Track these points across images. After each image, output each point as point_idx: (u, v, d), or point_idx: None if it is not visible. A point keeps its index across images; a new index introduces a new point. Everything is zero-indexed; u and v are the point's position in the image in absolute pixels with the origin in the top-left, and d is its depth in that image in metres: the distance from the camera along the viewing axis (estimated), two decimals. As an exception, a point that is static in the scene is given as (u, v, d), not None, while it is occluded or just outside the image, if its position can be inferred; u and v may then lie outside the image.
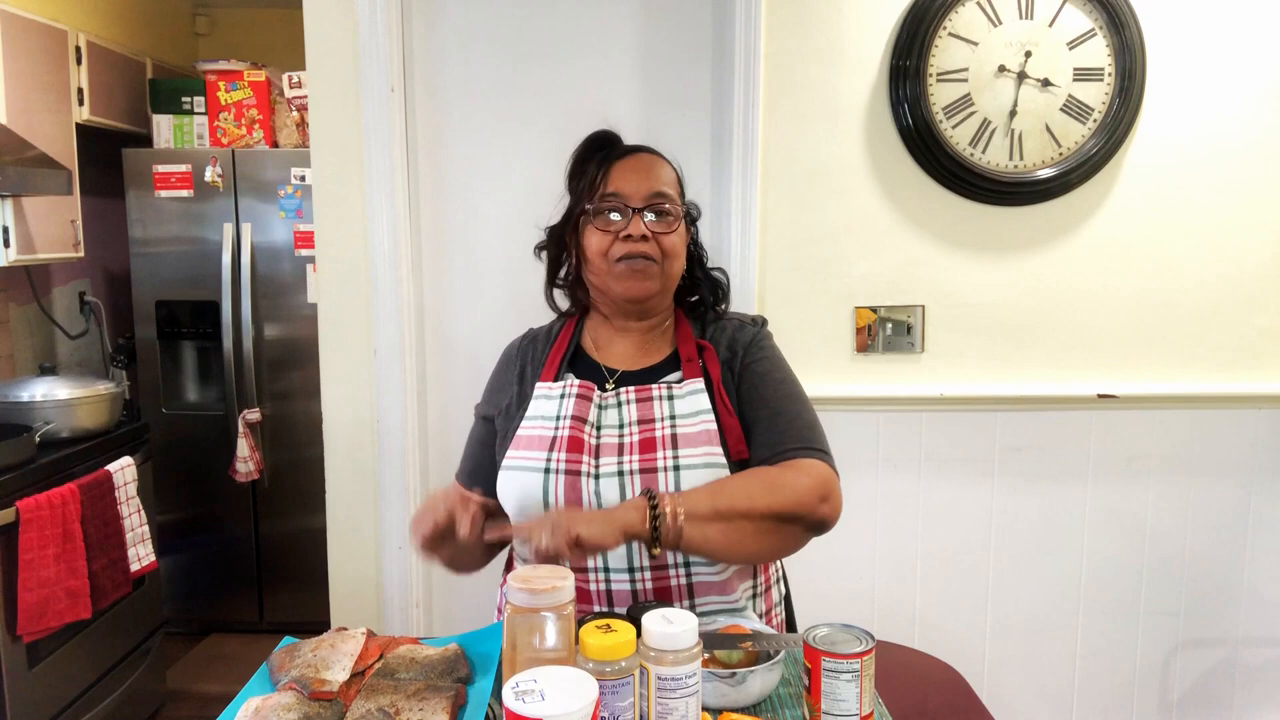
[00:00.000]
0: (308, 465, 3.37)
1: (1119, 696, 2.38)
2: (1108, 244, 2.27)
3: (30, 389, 2.63)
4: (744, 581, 1.35)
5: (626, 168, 1.37)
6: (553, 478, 1.29)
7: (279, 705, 0.99)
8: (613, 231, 1.34)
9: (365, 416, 2.31)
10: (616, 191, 1.35)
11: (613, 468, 1.29)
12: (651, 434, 1.31)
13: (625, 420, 1.33)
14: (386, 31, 2.19)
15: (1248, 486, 2.33)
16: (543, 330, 1.51)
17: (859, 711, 1.04)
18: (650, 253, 1.34)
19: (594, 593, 1.29)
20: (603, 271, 1.36)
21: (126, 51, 3.50)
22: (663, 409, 1.33)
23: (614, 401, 1.35)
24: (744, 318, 1.46)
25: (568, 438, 1.31)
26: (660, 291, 1.38)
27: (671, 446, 1.29)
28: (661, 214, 1.35)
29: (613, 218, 1.35)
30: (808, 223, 2.25)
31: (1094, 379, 2.30)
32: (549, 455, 1.31)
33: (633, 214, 1.34)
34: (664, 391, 1.35)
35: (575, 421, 1.32)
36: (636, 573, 1.28)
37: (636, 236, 1.33)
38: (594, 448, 1.31)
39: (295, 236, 3.39)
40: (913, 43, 2.16)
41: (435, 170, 2.32)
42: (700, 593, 1.30)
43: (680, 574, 1.29)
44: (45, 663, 2.40)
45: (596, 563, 1.28)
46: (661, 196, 1.36)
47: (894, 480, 2.30)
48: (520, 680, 0.86)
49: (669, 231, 1.35)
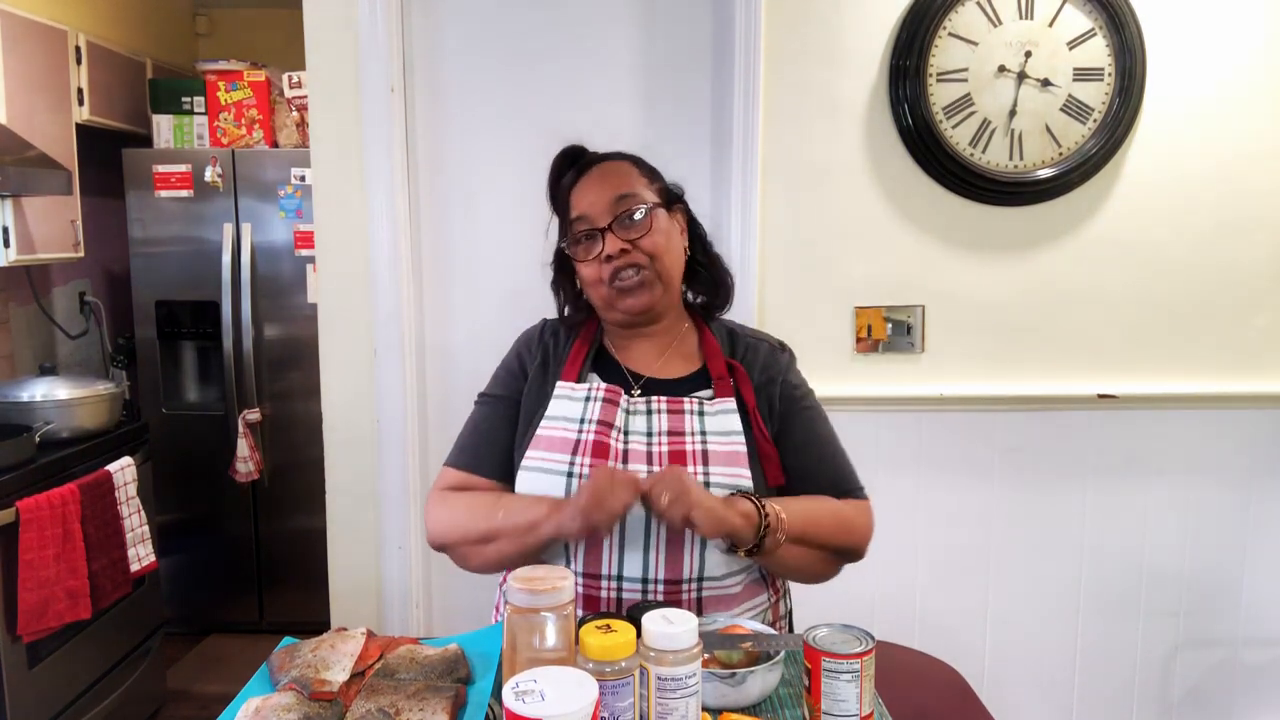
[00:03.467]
0: (308, 465, 3.37)
1: (1119, 696, 2.38)
2: (1108, 244, 2.27)
3: (30, 389, 2.63)
4: (754, 597, 1.35)
5: (584, 188, 1.36)
6: (575, 482, 1.28)
7: (279, 705, 0.99)
8: (595, 257, 1.33)
9: (365, 416, 2.31)
10: (581, 215, 1.34)
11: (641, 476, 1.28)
12: (682, 447, 1.30)
13: (655, 429, 1.33)
14: (386, 31, 2.19)
15: (1248, 486, 2.33)
16: (565, 323, 1.47)
17: (859, 712, 1.04)
18: (636, 260, 1.32)
19: (604, 599, 1.28)
20: (602, 296, 1.36)
21: (126, 51, 3.50)
22: (693, 424, 1.33)
23: (643, 409, 1.34)
24: (771, 341, 1.45)
25: (592, 442, 1.30)
26: (662, 293, 1.36)
27: (702, 463, 1.29)
28: (629, 218, 1.33)
29: (589, 244, 1.34)
30: (808, 223, 2.25)
31: (1094, 379, 2.30)
32: (572, 459, 1.30)
33: (602, 234, 1.32)
34: (695, 407, 1.34)
35: (601, 426, 1.31)
36: (650, 584, 1.27)
37: (615, 254, 1.31)
38: (621, 453, 1.31)
39: (295, 236, 3.39)
40: (913, 43, 2.16)
41: (435, 170, 2.32)
42: (709, 607, 1.30)
43: (692, 588, 1.28)
44: (45, 663, 2.39)
45: (611, 570, 1.28)
46: (624, 200, 1.33)
47: (894, 480, 2.29)
48: (520, 680, 0.85)
49: (645, 232, 1.33)
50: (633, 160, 1.41)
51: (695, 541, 1.27)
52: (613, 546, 1.28)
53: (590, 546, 1.28)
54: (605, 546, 1.28)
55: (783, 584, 1.45)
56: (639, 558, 1.27)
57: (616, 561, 1.27)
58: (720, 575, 1.29)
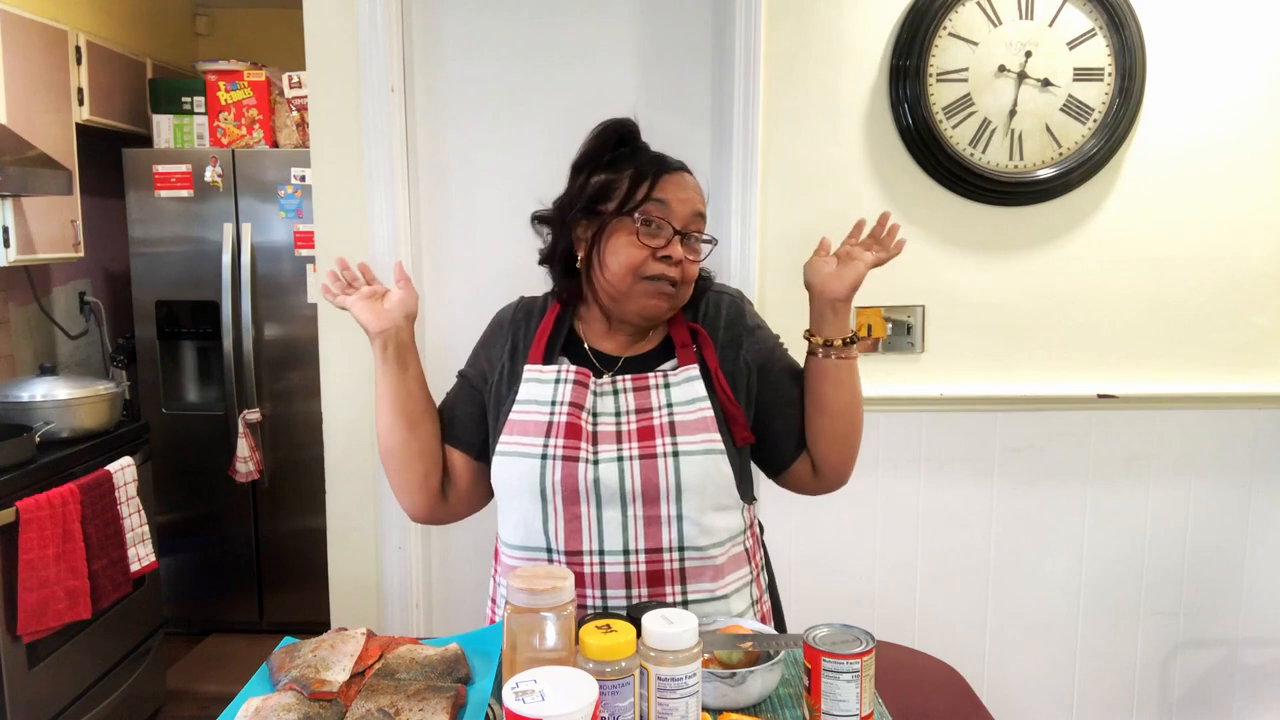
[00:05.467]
0: (308, 465, 3.37)
1: (1119, 696, 2.38)
2: (1107, 244, 2.27)
3: (30, 389, 2.63)
4: (737, 569, 1.35)
5: (674, 183, 1.32)
6: (549, 463, 1.28)
7: (279, 705, 0.99)
8: (650, 247, 1.30)
9: (365, 416, 2.30)
10: (667, 200, 1.30)
11: (612, 454, 1.29)
12: (650, 422, 1.31)
13: (622, 409, 1.33)
14: (386, 31, 2.19)
15: (1248, 486, 2.33)
16: (537, 303, 1.46)
17: (859, 712, 1.04)
18: (677, 277, 1.31)
19: (587, 575, 1.28)
20: (624, 285, 1.31)
21: (126, 51, 3.50)
22: (659, 397, 1.33)
23: (609, 389, 1.34)
24: (729, 291, 1.45)
25: (565, 424, 1.30)
26: (673, 308, 1.36)
27: (670, 434, 1.29)
28: (697, 239, 1.33)
29: (655, 231, 1.30)
30: (807, 223, 2.25)
31: (1094, 379, 2.30)
32: (546, 441, 1.30)
33: (675, 235, 1.31)
34: (660, 380, 1.34)
35: (573, 408, 1.31)
36: (631, 555, 1.28)
37: (675, 259, 1.30)
38: (591, 434, 1.31)
39: (295, 236, 3.39)
40: (913, 43, 2.16)
41: (435, 170, 2.32)
42: (692, 578, 1.30)
43: (674, 558, 1.29)
44: (45, 663, 2.39)
45: (591, 545, 1.28)
46: (699, 219, 1.34)
47: (894, 480, 2.30)
48: (520, 680, 0.86)
49: (697, 260, 1.34)
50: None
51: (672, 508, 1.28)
52: (590, 522, 1.28)
53: (569, 522, 1.28)
54: (583, 522, 1.28)
55: (763, 558, 1.46)
56: (618, 531, 1.27)
57: (596, 536, 1.28)
58: (704, 545, 1.30)
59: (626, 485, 1.27)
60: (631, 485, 1.27)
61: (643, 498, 1.27)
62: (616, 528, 1.27)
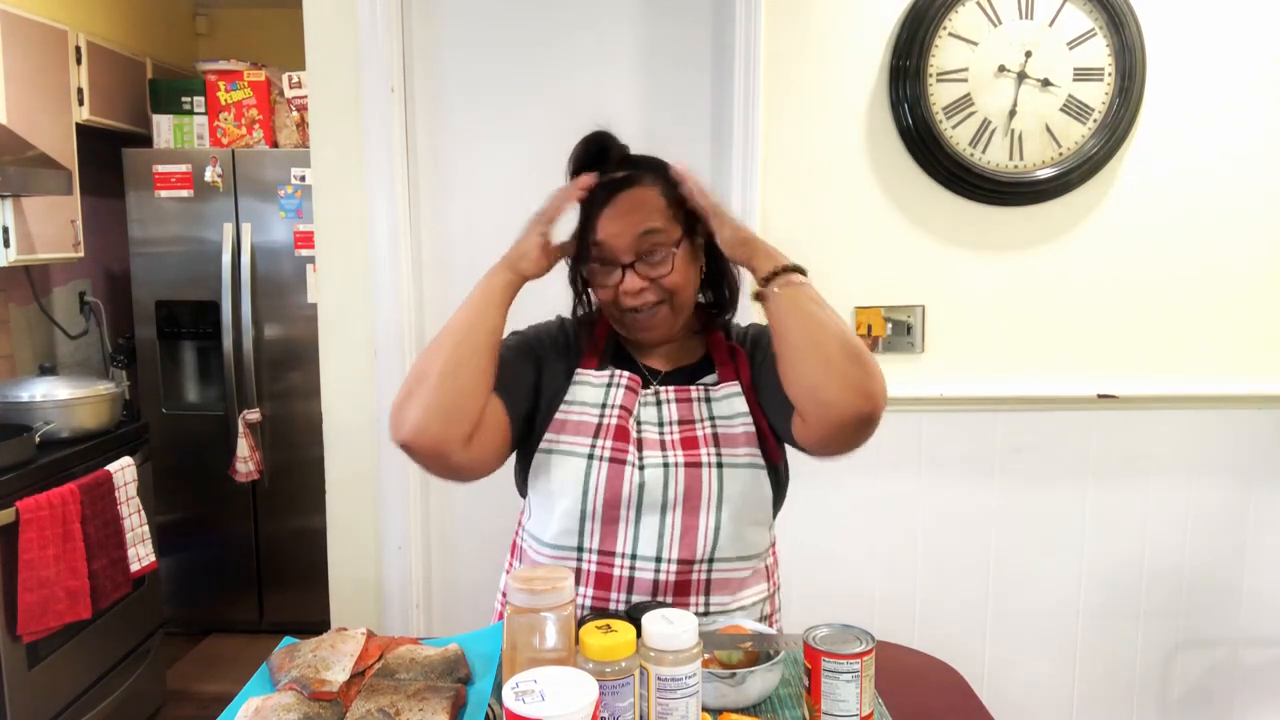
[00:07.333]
0: (308, 465, 3.37)
1: (1119, 696, 2.38)
2: (1107, 244, 2.27)
3: (30, 389, 2.63)
4: (756, 584, 1.36)
5: (610, 215, 1.29)
6: (596, 464, 1.29)
7: (279, 705, 0.99)
8: (610, 285, 1.30)
9: (365, 416, 2.31)
10: (603, 242, 1.29)
11: (658, 460, 1.30)
12: (693, 433, 1.32)
13: (665, 419, 1.34)
14: (386, 31, 2.19)
15: (1248, 486, 2.33)
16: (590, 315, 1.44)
17: (859, 712, 1.04)
18: (655, 298, 1.30)
19: (615, 578, 1.29)
20: (614, 318, 1.35)
21: (126, 51, 3.50)
22: (701, 410, 1.34)
23: (653, 400, 1.35)
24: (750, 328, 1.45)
25: (615, 426, 1.31)
26: (676, 322, 1.35)
27: (714, 445, 1.31)
28: (653, 255, 1.28)
29: (607, 271, 1.30)
30: (808, 223, 2.25)
31: (1094, 379, 2.30)
32: (594, 441, 1.31)
33: (623, 270, 1.28)
34: (702, 394, 1.36)
35: (623, 411, 1.32)
36: (662, 563, 1.28)
37: (633, 292, 1.28)
38: (637, 440, 1.32)
39: (295, 236, 3.39)
40: (913, 43, 2.16)
41: (435, 170, 2.32)
42: (715, 590, 1.31)
43: (703, 569, 1.29)
44: (45, 663, 2.39)
45: (625, 548, 1.28)
46: (650, 234, 1.28)
47: (894, 480, 2.30)
48: (520, 680, 0.86)
49: (667, 272, 1.29)
50: (659, 178, 1.33)
51: (711, 518, 1.28)
52: (628, 524, 1.28)
53: (606, 525, 1.29)
54: (621, 525, 1.29)
55: (778, 578, 1.46)
56: (654, 537, 1.28)
57: (631, 539, 1.28)
58: (732, 557, 1.30)
59: (670, 491, 1.28)
60: (675, 491, 1.28)
61: (684, 505, 1.28)
62: (653, 534, 1.28)
